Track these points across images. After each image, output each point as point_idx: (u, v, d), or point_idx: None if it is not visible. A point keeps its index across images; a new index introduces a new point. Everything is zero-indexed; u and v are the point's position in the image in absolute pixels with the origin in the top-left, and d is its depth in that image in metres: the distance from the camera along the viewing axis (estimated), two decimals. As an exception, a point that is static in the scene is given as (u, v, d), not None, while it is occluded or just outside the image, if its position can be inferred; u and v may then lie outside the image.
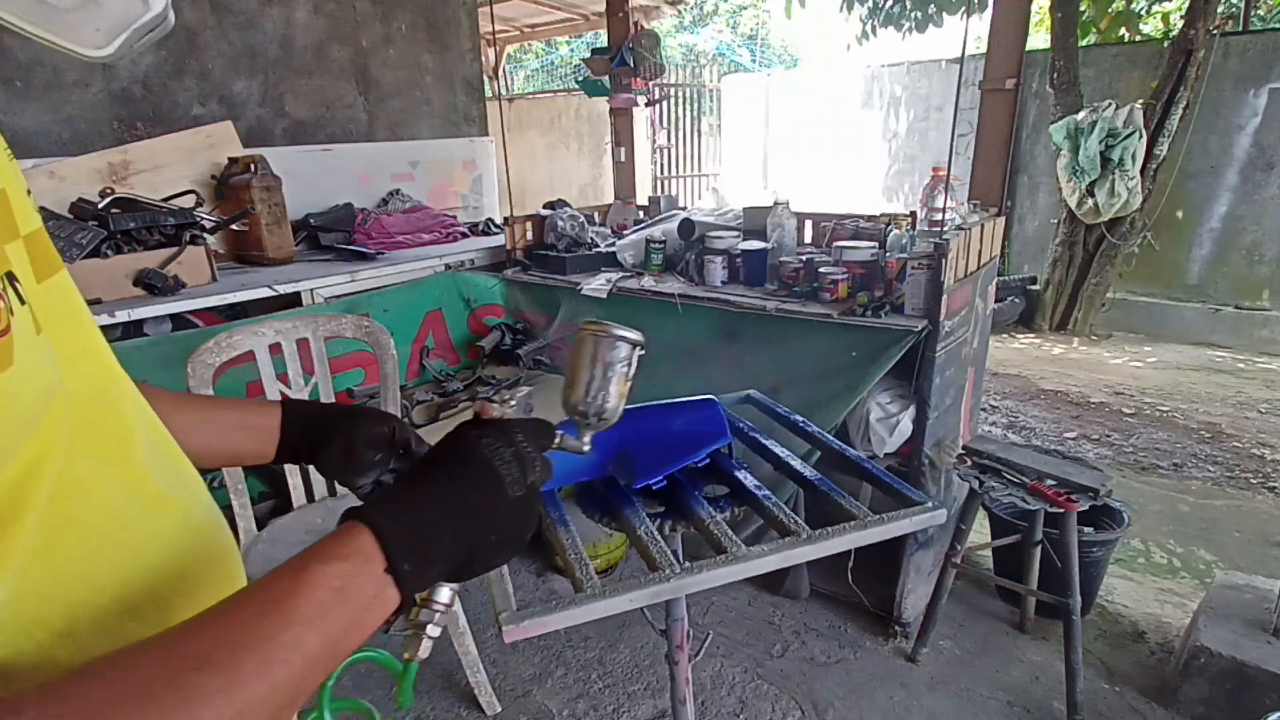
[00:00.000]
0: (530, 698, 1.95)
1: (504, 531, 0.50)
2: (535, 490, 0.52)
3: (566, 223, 2.66)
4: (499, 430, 0.53)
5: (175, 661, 0.34)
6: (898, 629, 2.10)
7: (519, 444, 0.52)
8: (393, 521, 0.44)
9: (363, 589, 0.41)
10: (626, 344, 0.73)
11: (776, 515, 0.94)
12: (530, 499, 0.51)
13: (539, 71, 12.52)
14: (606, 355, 0.72)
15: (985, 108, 2.19)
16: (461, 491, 0.48)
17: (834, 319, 1.95)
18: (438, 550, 0.46)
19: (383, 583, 0.42)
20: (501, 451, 0.51)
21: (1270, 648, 1.73)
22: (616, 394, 0.73)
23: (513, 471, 0.50)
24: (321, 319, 1.90)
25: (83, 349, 0.45)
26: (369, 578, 0.42)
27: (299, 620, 0.38)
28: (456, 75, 3.62)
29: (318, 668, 0.39)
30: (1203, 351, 5.02)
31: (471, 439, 0.52)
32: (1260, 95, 5.02)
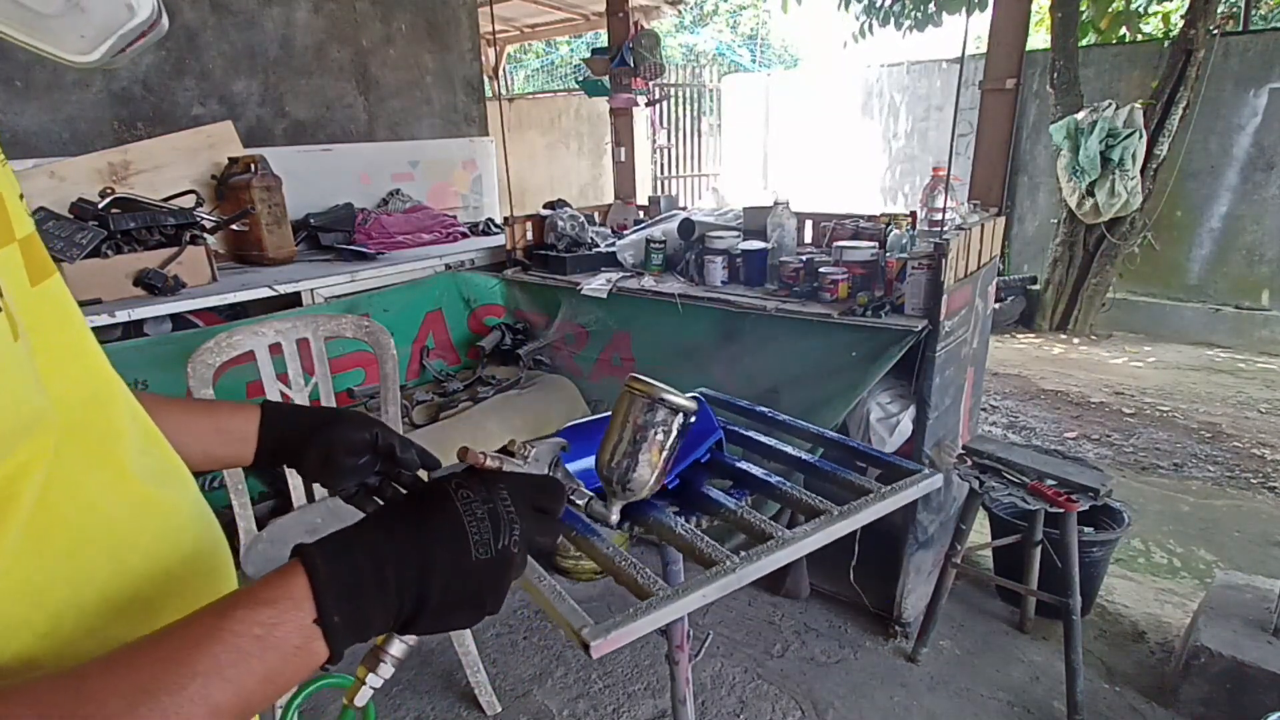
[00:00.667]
0: (530, 698, 1.95)
1: (458, 595, 0.45)
2: (505, 555, 0.47)
3: (566, 223, 2.66)
4: (481, 483, 0.49)
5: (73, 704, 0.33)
6: (898, 629, 2.10)
7: (499, 501, 0.48)
8: (332, 566, 0.41)
9: (285, 639, 0.39)
10: (665, 408, 0.64)
11: (798, 497, 0.92)
12: (498, 564, 0.46)
13: (539, 71, 12.52)
14: (640, 418, 0.64)
15: (985, 108, 2.19)
16: (417, 544, 0.44)
17: (834, 319, 1.95)
18: (376, 604, 0.42)
19: (309, 634, 0.40)
20: (475, 507, 0.47)
21: (1270, 648, 1.73)
22: (648, 464, 0.65)
23: (482, 531, 0.46)
24: (322, 319, 1.90)
25: (73, 352, 0.44)
26: (294, 627, 0.39)
27: (209, 669, 0.36)
28: (456, 75, 3.62)
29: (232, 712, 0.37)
30: (1203, 351, 5.02)
31: (447, 488, 0.48)
32: (1260, 95, 5.02)
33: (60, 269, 1.69)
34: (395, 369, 1.88)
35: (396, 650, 0.50)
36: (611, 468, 0.65)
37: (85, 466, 0.42)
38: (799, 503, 0.92)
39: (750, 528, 0.87)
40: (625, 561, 0.78)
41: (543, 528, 0.51)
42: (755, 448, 1.16)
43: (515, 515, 0.48)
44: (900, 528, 2.01)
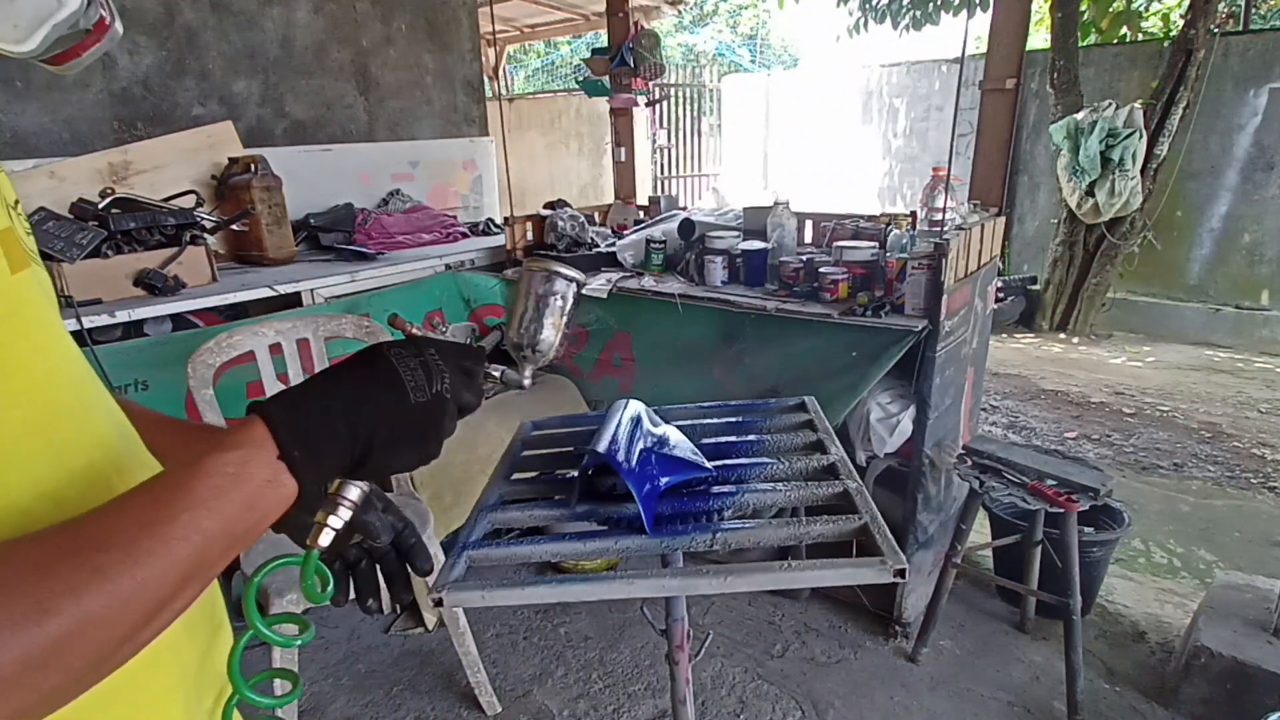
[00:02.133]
0: (530, 698, 1.95)
1: (402, 433, 0.51)
2: (440, 399, 0.52)
3: (567, 223, 2.66)
4: (410, 342, 0.54)
5: (77, 541, 0.37)
6: (898, 629, 2.10)
7: (428, 355, 0.53)
8: (284, 412, 0.46)
9: (255, 473, 0.44)
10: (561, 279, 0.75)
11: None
12: (434, 407, 0.52)
13: (539, 71, 12.52)
14: (539, 289, 0.75)
15: (985, 108, 2.19)
16: (358, 389, 0.50)
17: (834, 319, 1.95)
18: (329, 441, 0.47)
19: (276, 468, 0.45)
20: (407, 360, 0.52)
21: (1270, 648, 1.73)
22: (551, 327, 0.75)
23: (417, 379, 0.51)
24: (322, 319, 1.90)
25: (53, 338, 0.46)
26: (262, 463, 0.44)
27: (194, 503, 0.41)
28: (456, 75, 3.62)
29: (218, 544, 0.41)
30: (1203, 351, 5.02)
31: (380, 347, 0.53)
32: (1260, 95, 5.02)
33: (59, 269, 1.69)
34: (395, 369, 1.87)
35: (352, 494, 0.54)
36: (521, 333, 0.75)
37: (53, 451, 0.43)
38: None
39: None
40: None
41: (468, 385, 0.56)
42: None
43: (444, 367, 0.53)
44: (900, 528, 2.01)
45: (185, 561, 0.40)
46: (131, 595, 0.37)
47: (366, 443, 0.49)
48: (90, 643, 0.35)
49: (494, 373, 0.69)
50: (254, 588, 0.53)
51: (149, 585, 0.38)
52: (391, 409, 0.50)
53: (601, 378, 2.54)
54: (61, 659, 0.34)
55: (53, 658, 0.34)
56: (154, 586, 0.38)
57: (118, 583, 0.36)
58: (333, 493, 0.54)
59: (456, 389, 0.54)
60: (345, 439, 0.48)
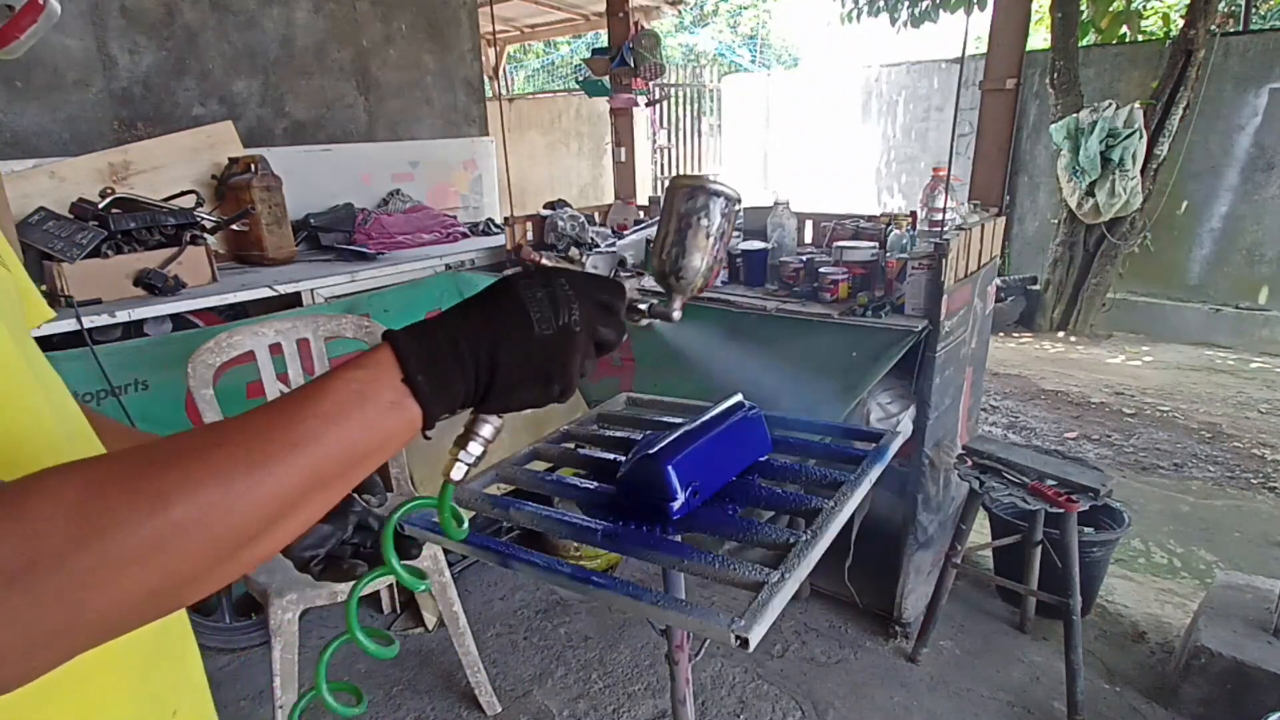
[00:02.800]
0: (530, 698, 1.95)
1: (527, 367, 0.50)
2: (568, 331, 0.50)
3: (567, 223, 2.66)
4: (540, 273, 0.52)
5: (199, 439, 0.39)
6: (898, 629, 2.10)
7: (557, 286, 0.51)
8: (412, 339, 0.47)
9: (379, 394, 0.44)
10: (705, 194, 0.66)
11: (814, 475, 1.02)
12: (561, 339, 0.50)
13: (539, 71, 12.51)
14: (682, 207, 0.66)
15: (985, 108, 2.19)
16: (484, 321, 0.49)
17: (834, 319, 1.95)
18: (454, 369, 0.47)
19: (400, 391, 0.45)
20: (534, 291, 0.50)
21: (1270, 648, 1.73)
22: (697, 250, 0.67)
23: (543, 309, 0.50)
24: (322, 319, 1.90)
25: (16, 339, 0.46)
26: (386, 385, 0.45)
27: (317, 415, 0.41)
28: (456, 75, 3.62)
29: (338, 458, 0.42)
30: (1203, 351, 5.02)
31: (510, 277, 0.52)
32: (1260, 95, 5.02)
33: (59, 269, 1.69)
34: (395, 369, 1.87)
35: (485, 431, 0.54)
36: (663, 259, 0.68)
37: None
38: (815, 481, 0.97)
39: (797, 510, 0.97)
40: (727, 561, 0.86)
41: (606, 319, 0.54)
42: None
43: (573, 298, 0.51)
44: (900, 528, 2.01)
45: (305, 470, 0.40)
46: (248, 492, 0.38)
47: (489, 375, 0.49)
48: (210, 533, 0.36)
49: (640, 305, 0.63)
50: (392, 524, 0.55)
51: (267, 486, 0.39)
52: (515, 341, 0.49)
53: (601, 378, 2.53)
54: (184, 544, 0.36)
55: (174, 541, 0.35)
56: (272, 488, 0.39)
57: (234, 479, 0.37)
58: (467, 425, 0.54)
59: (589, 322, 0.52)
60: (469, 369, 0.48)
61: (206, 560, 0.37)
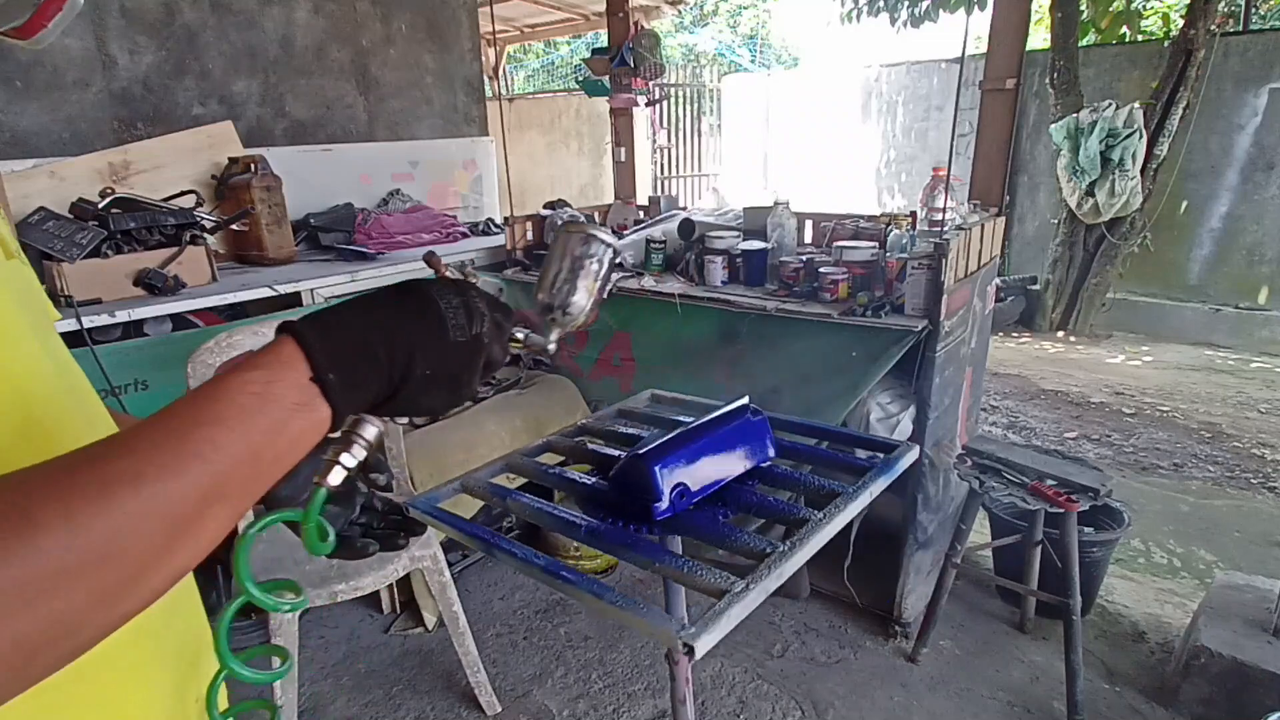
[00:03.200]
0: (530, 698, 1.95)
1: (439, 371, 0.47)
2: (479, 342, 0.49)
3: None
4: (452, 282, 0.51)
5: (79, 457, 0.34)
6: (898, 629, 2.10)
7: (469, 296, 0.50)
8: (319, 333, 0.43)
9: (284, 395, 0.41)
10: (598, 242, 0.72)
11: (810, 484, 1.00)
12: (473, 349, 0.49)
13: (539, 71, 12.51)
14: (576, 250, 0.72)
15: (985, 108, 2.19)
16: (398, 319, 0.46)
17: (834, 319, 1.95)
18: (366, 368, 0.44)
19: (309, 391, 0.42)
20: (449, 297, 0.49)
21: (1270, 648, 1.73)
22: (585, 290, 0.72)
23: (458, 318, 0.48)
24: (321, 319, 1.90)
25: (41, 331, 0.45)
26: (291, 384, 0.41)
27: (212, 420, 0.38)
28: (456, 75, 3.62)
29: (242, 467, 0.38)
30: (1203, 351, 5.02)
31: (419, 281, 0.50)
32: (1260, 95, 5.02)
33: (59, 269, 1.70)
34: (395, 369, 1.88)
35: (368, 432, 0.50)
36: (553, 293, 0.72)
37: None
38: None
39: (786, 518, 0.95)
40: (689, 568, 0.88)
41: (498, 338, 0.53)
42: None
43: (484, 311, 0.50)
44: (900, 528, 2.01)
45: (204, 480, 0.36)
46: (140, 510, 0.34)
47: (402, 376, 0.46)
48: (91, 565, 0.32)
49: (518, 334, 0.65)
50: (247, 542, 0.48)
51: (159, 501, 0.35)
52: (431, 344, 0.47)
53: (601, 377, 2.53)
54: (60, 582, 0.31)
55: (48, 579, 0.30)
56: (165, 503, 0.35)
57: (120, 498, 0.33)
58: (347, 428, 0.50)
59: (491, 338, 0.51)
60: (382, 367, 0.45)
61: (88, 600, 0.32)
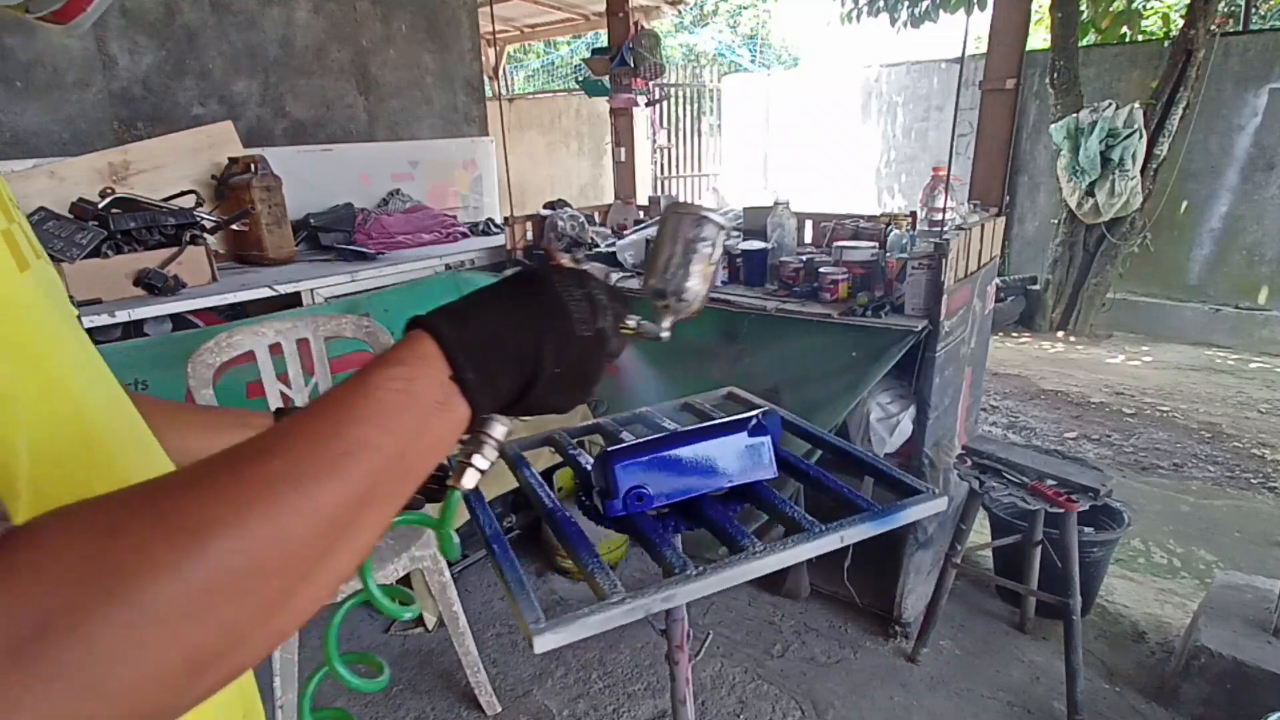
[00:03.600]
0: (530, 698, 1.95)
1: (568, 368, 0.46)
2: (604, 337, 0.48)
3: (566, 223, 2.66)
4: (571, 273, 0.49)
5: (231, 458, 0.32)
6: (898, 629, 2.10)
7: (590, 287, 0.48)
8: (456, 329, 0.42)
9: (427, 392, 0.39)
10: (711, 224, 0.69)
11: (785, 512, 0.94)
12: (598, 343, 0.48)
13: (539, 71, 12.51)
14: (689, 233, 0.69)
15: (985, 108, 2.19)
16: (527, 314, 0.45)
17: (834, 319, 1.95)
18: (501, 364, 0.43)
19: (448, 389, 0.40)
20: (572, 290, 0.47)
21: (1270, 648, 1.73)
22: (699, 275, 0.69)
23: (582, 311, 0.47)
24: (322, 319, 1.90)
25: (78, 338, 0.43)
26: (433, 382, 0.40)
27: (363, 419, 0.36)
28: (456, 75, 3.62)
29: (393, 467, 0.37)
30: (1202, 351, 5.02)
31: (542, 272, 0.48)
32: (1260, 95, 5.02)
33: (59, 269, 1.70)
34: (395, 369, 1.87)
35: (497, 432, 0.49)
36: (666, 279, 0.69)
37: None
38: (784, 517, 0.94)
39: (730, 540, 0.90)
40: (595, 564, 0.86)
41: (617, 329, 0.51)
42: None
43: (606, 304, 0.49)
44: (900, 528, 2.01)
45: (359, 482, 0.34)
46: (298, 516, 0.32)
47: (533, 374, 0.44)
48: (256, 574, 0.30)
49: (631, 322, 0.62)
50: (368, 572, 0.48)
51: (318, 506, 0.33)
52: (559, 340, 0.45)
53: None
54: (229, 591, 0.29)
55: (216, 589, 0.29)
56: (326, 505, 0.33)
57: (281, 501, 0.31)
58: (477, 428, 0.48)
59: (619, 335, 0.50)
60: (515, 367, 0.44)
61: (257, 609, 0.31)
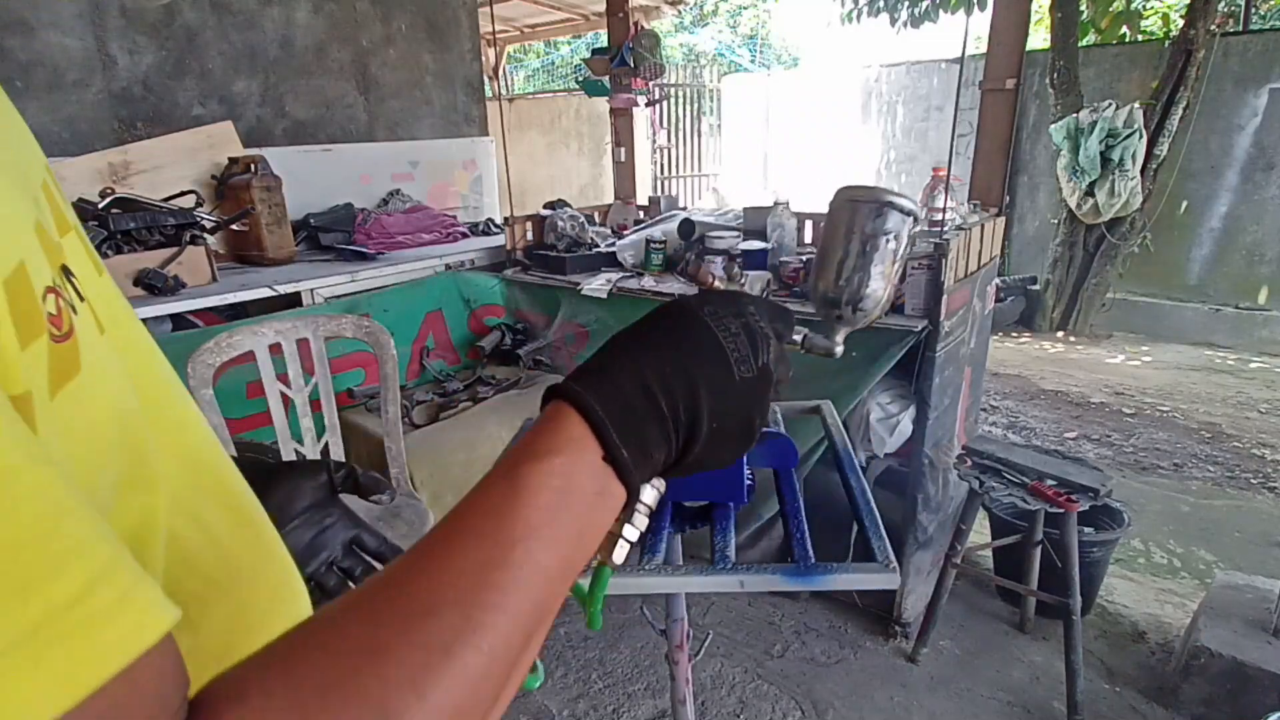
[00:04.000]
0: (530, 697, 1.95)
1: (728, 419, 0.40)
2: (767, 375, 0.42)
3: (566, 223, 2.66)
4: (725, 299, 0.43)
5: (403, 609, 0.29)
6: (898, 629, 2.10)
7: (750, 317, 0.42)
8: (604, 400, 0.36)
9: (584, 486, 0.35)
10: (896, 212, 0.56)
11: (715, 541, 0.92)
12: (761, 384, 0.41)
13: (539, 71, 12.51)
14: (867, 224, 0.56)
15: (985, 108, 2.19)
16: (677, 362, 0.39)
17: (834, 319, 1.94)
18: (655, 430, 0.37)
19: (604, 474, 0.36)
20: (727, 323, 0.41)
21: (1270, 648, 1.73)
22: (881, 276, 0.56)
23: (740, 348, 0.41)
24: (321, 319, 1.90)
25: (136, 348, 0.39)
26: (588, 471, 0.35)
27: (527, 533, 0.32)
28: (456, 75, 3.62)
29: (557, 584, 0.33)
30: (1202, 351, 5.02)
31: (691, 305, 0.42)
32: (1260, 95, 5.02)
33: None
34: (395, 369, 1.88)
35: (648, 497, 0.43)
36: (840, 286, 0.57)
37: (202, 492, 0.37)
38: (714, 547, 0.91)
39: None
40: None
41: (782, 353, 0.45)
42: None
43: (768, 332, 0.43)
44: (900, 528, 2.01)
45: (531, 610, 0.31)
46: (483, 666, 0.29)
47: (690, 435, 0.39)
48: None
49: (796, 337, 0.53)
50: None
51: (499, 649, 0.29)
52: (717, 387, 0.39)
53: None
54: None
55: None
56: (504, 650, 0.30)
57: (464, 660, 0.28)
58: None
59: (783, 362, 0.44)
60: (668, 426, 0.38)
61: None
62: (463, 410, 2.32)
